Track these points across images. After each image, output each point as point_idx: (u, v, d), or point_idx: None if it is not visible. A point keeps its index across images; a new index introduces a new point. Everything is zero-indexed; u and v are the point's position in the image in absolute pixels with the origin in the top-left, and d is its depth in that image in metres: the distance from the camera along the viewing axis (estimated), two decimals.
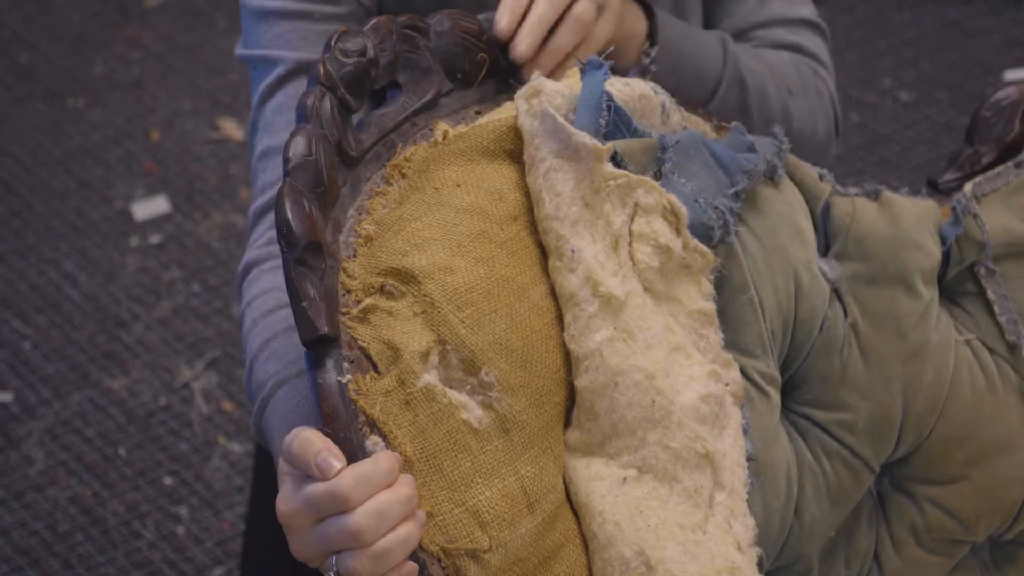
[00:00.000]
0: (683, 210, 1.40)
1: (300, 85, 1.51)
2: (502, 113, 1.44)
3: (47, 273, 2.90)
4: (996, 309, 1.56)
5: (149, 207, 3.04)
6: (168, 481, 2.55)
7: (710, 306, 1.42)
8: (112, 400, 2.68)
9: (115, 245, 2.95)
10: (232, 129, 3.20)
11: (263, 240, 1.52)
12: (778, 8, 1.69)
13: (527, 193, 1.40)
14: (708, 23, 1.69)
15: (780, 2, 1.69)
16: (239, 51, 1.57)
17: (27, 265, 2.92)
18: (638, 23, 1.55)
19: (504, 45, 1.47)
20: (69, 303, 2.84)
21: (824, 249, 1.53)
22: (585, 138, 1.37)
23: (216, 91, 3.30)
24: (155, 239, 2.97)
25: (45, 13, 3.51)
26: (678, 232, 1.40)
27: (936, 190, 1.61)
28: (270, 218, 1.51)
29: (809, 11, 1.71)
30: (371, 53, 1.39)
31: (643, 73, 1.54)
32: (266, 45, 1.53)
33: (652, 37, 1.55)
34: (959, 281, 1.56)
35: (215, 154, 3.14)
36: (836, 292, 1.51)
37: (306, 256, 1.28)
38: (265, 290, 1.47)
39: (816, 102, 1.67)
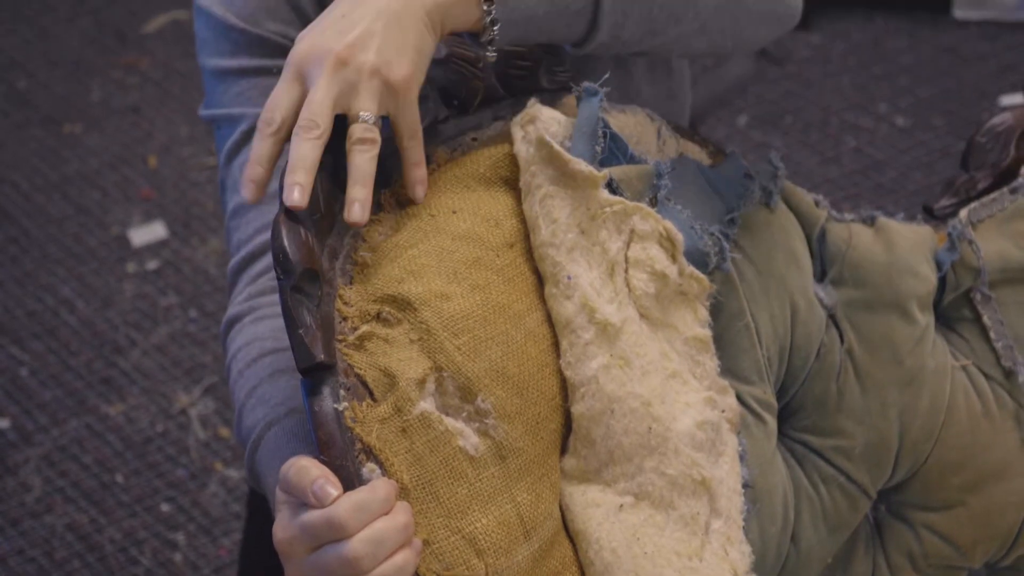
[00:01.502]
0: (679, 236, 1.40)
1: None
2: (498, 140, 1.44)
3: (44, 299, 2.90)
4: (992, 335, 1.56)
5: (146, 233, 3.03)
6: (165, 508, 2.54)
7: (706, 332, 1.42)
8: (109, 426, 2.67)
9: (112, 271, 2.95)
10: None
11: (242, 296, 1.52)
12: None
13: (523, 220, 1.40)
14: None
15: None
16: (202, 112, 1.56)
17: (24, 291, 2.92)
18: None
19: (501, 73, 1.47)
20: (66, 329, 2.84)
21: (820, 275, 1.53)
22: (581, 165, 1.38)
23: None
24: (152, 265, 2.97)
25: (43, 39, 3.51)
26: (674, 259, 1.40)
27: (932, 216, 1.61)
28: (248, 274, 1.52)
29: None
30: None
31: (488, 36, 1.39)
32: (228, 104, 1.53)
33: None
34: (955, 307, 1.56)
35: (212, 180, 3.14)
36: (832, 318, 1.51)
37: (302, 284, 1.28)
38: (247, 342, 1.48)
39: None
